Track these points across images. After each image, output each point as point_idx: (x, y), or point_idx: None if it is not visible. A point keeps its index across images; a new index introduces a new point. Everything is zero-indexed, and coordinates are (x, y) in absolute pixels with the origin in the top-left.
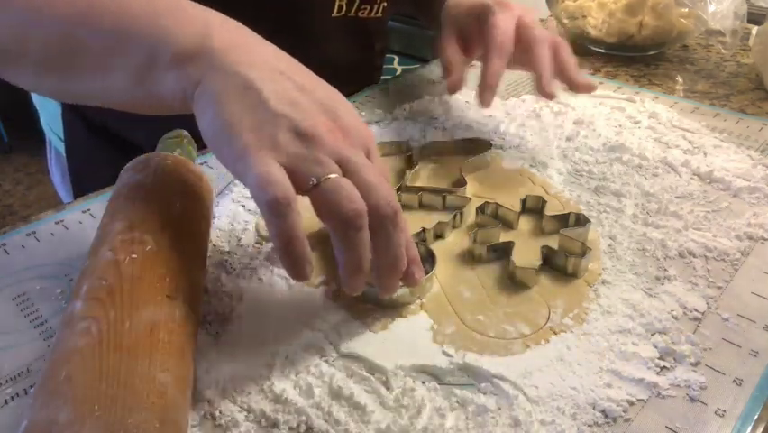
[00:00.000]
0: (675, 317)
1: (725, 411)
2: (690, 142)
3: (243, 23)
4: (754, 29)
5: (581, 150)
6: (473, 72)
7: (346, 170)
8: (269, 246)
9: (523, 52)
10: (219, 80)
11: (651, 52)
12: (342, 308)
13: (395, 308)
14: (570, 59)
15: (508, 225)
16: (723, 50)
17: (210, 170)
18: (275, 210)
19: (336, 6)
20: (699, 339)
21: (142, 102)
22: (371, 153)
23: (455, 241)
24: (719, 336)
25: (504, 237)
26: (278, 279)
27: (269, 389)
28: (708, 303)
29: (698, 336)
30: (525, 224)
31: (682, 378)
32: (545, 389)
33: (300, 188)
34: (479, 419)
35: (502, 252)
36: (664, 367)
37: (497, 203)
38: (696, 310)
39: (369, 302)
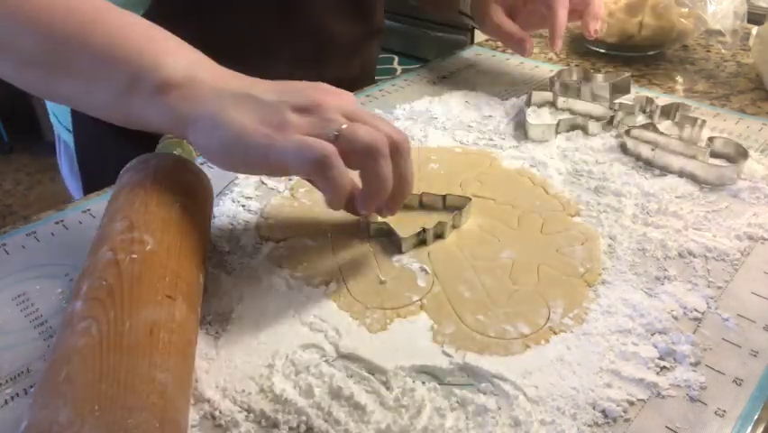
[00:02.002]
0: (675, 318)
1: (725, 411)
2: None
3: (230, 5)
4: (754, 29)
5: (581, 150)
6: (470, 71)
7: (353, 119)
8: (269, 246)
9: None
10: (211, 102)
11: (651, 52)
12: (343, 309)
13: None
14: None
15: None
16: (723, 50)
17: (211, 169)
18: (322, 165)
19: None
20: (699, 339)
21: (121, 120)
22: (352, 99)
23: (455, 241)
24: (719, 336)
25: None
26: (278, 279)
27: (270, 389)
28: (708, 303)
29: (698, 336)
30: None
31: (682, 378)
32: (545, 389)
33: None
34: (479, 419)
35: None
36: (664, 367)
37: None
38: (696, 310)
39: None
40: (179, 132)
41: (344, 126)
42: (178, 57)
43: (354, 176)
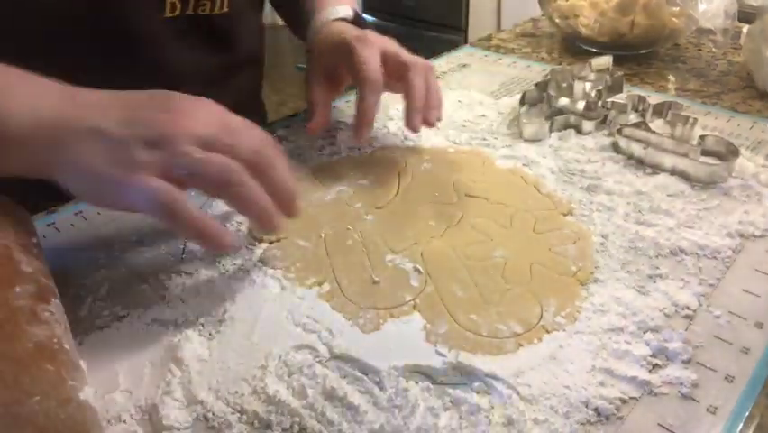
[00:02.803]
0: (667, 315)
1: (716, 408)
2: None
3: (65, 34)
4: (745, 27)
5: (574, 149)
6: (463, 71)
7: (207, 144)
8: (262, 248)
9: (398, 81)
10: (63, 148)
11: (642, 51)
12: (335, 309)
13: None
14: (434, 88)
15: None
16: (714, 49)
17: None
18: (168, 211)
19: (168, 5)
20: (691, 337)
21: None
22: (215, 108)
23: (448, 240)
24: (711, 333)
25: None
26: (271, 280)
27: (263, 390)
28: (699, 301)
29: (689, 333)
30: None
31: (674, 375)
32: (538, 387)
33: (182, 185)
34: (472, 419)
35: None
36: (656, 365)
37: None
38: (688, 308)
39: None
40: (48, 177)
41: (195, 159)
42: (18, 99)
43: None
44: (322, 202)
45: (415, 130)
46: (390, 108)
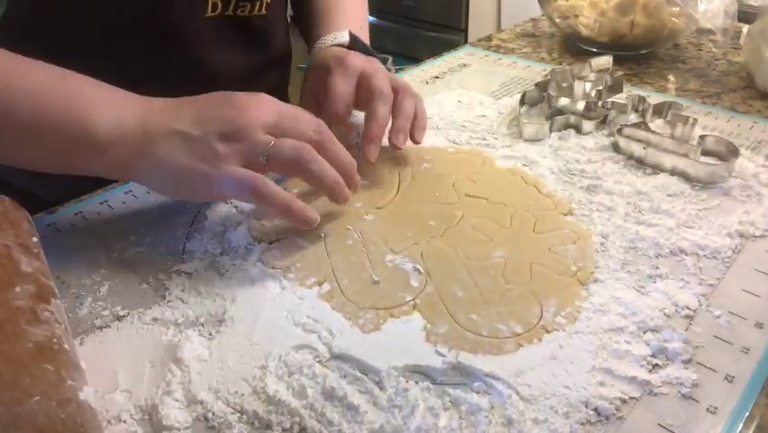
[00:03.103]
0: (667, 315)
1: (716, 408)
2: None
3: (114, 33)
4: (745, 27)
5: (574, 149)
6: (463, 71)
7: (276, 131)
8: (261, 247)
9: (360, 103)
10: (146, 149)
11: (642, 51)
12: (335, 309)
13: None
14: (406, 112)
15: None
16: (714, 49)
17: None
18: (259, 194)
19: (210, 5)
20: (691, 337)
21: (66, 171)
22: (269, 99)
23: (448, 240)
24: (711, 333)
25: None
26: (270, 280)
27: (263, 390)
28: (699, 301)
29: (689, 333)
30: None
31: (674, 375)
32: (538, 387)
33: (261, 171)
34: (472, 419)
35: None
36: (657, 365)
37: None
38: (688, 308)
39: None
40: (128, 178)
41: (271, 145)
42: (102, 110)
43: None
44: (322, 202)
45: (398, 146)
46: None
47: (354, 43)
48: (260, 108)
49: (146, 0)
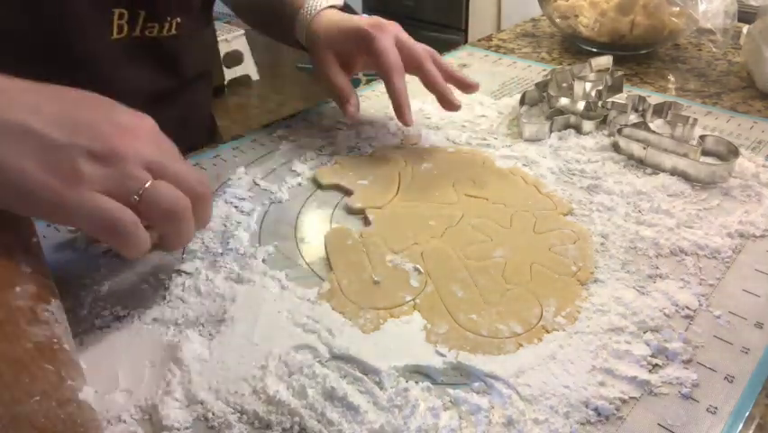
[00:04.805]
0: (667, 315)
1: (716, 408)
2: None
3: (7, 49)
4: (745, 27)
5: (574, 149)
6: (463, 71)
7: (155, 170)
8: (262, 248)
9: (409, 68)
10: None
11: (642, 51)
12: (336, 309)
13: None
14: (448, 66)
15: None
16: (714, 49)
17: (203, 169)
18: (119, 233)
19: (116, 27)
20: (691, 337)
21: None
22: (153, 126)
23: (448, 240)
24: (711, 333)
25: None
26: (270, 280)
27: (263, 390)
28: (699, 301)
29: (689, 333)
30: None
31: (674, 376)
32: (538, 387)
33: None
34: (472, 419)
35: None
36: (657, 365)
37: None
38: (688, 308)
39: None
40: None
41: (147, 185)
42: None
43: None
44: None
45: (455, 107)
46: (390, 109)
47: (346, 5)
48: (144, 138)
49: (50, 27)
